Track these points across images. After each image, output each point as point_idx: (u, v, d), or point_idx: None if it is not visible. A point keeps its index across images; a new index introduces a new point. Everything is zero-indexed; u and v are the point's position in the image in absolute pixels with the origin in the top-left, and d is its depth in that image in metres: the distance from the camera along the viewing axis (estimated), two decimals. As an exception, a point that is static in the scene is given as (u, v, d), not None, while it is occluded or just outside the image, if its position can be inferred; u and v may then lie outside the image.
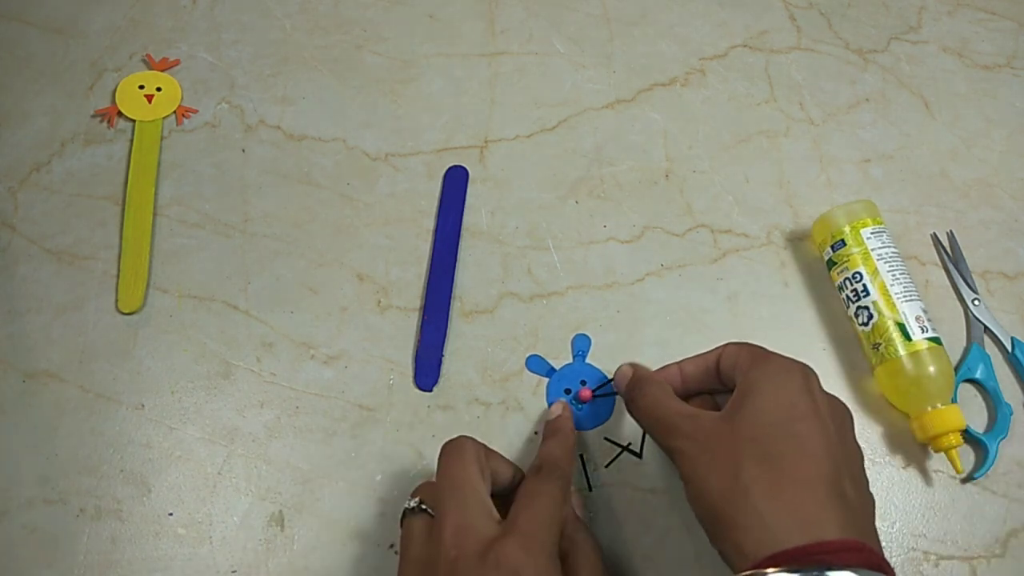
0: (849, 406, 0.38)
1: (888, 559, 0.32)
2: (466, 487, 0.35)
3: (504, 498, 0.39)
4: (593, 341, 0.47)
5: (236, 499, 0.42)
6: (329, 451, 0.44)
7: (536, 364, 0.47)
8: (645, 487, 0.44)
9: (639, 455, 0.44)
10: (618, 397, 0.45)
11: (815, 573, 0.30)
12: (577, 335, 0.48)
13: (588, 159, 0.54)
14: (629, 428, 0.45)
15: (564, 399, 0.45)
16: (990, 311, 0.50)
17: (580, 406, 0.46)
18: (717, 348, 0.41)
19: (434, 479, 0.38)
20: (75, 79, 0.55)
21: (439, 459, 0.37)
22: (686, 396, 0.42)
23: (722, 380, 0.40)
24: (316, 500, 0.43)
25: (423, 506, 0.36)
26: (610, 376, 0.46)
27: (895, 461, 0.45)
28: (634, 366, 0.43)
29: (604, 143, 0.55)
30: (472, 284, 0.49)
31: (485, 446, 0.38)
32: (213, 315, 0.47)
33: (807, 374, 0.37)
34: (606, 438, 0.44)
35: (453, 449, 0.37)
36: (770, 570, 0.31)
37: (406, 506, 0.37)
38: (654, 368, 0.43)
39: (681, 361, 0.42)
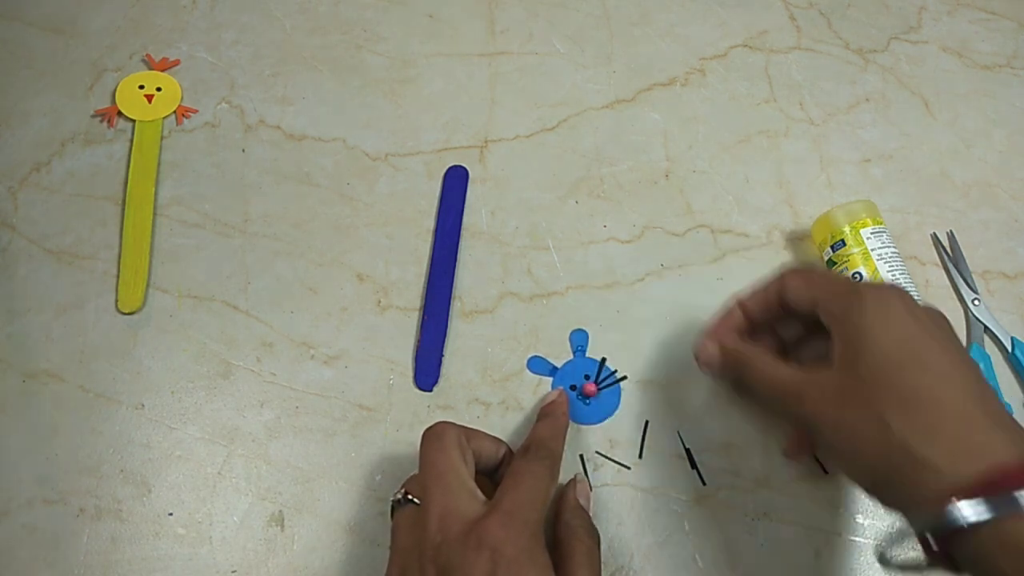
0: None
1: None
2: (448, 473, 0.35)
3: (493, 476, 0.40)
4: (592, 336, 0.47)
5: (236, 499, 0.42)
6: (329, 451, 0.44)
7: (538, 365, 0.47)
8: (645, 487, 0.44)
9: (629, 467, 0.44)
10: (621, 386, 0.46)
11: (1006, 501, 0.29)
12: (574, 331, 0.48)
13: (588, 159, 0.54)
14: (634, 423, 0.45)
15: (566, 391, 0.45)
16: (990, 311, 0.50)
17: (587, 401, 0.46)
18: (774, 280, 0.40)
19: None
20: (75, 79, 0.55)
21: (420, 447, 0.37)
22: (753, 334, 0.42)
23: (788, 311, 0.40)
24: (316, 500, 0.43)
25: (409, 496, 0.36)
26: (613, 368, 0.46)
27: (895, 461, 0.45)
28: (716, 343, 0.41)
29: (604, 143, 0.55)
30: (472, 284, 0.49)
31: (467, 428, 0.39)
32: (213, 315, 0.47)
33: (903, 297, 0.36)
34: (597, 452, 0.44)
35: (433, 436, 0.37)
36: (961, 503, 0.29)
37: (393, 498, 0.37)
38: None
39: (740, 300, 0.42)
